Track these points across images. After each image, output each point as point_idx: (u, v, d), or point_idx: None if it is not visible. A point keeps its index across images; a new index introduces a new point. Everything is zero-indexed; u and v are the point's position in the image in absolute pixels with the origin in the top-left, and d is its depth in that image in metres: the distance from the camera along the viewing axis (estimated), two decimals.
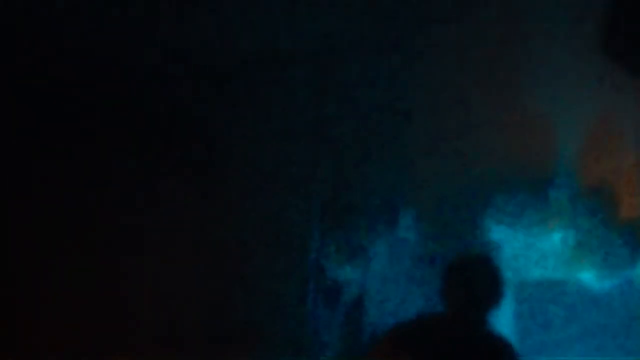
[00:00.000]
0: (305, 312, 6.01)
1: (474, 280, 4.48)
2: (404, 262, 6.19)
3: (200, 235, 5.76)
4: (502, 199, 6.13)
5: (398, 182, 6.25)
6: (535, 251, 6.11)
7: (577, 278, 6.04)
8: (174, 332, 5.57)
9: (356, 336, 6.08)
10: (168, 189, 5.72)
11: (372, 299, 6.13)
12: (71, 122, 5.55)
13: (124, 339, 5.36)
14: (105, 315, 5.39)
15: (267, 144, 6.04)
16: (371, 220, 6.21)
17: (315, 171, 6.17)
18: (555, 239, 6.07)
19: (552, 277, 6.09)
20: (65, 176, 5.48)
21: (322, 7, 5.94)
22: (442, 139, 6.13)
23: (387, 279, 6.18)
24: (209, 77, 5.94)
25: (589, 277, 6.01)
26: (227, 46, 5.97)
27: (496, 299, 4.53)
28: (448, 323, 4.42)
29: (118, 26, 5.62)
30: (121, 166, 5.63)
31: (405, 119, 6.21)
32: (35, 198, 5.40)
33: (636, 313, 5.99)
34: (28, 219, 5.37)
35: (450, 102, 6.13)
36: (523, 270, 6.11)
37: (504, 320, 5.85)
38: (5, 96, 5.36)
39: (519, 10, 6.04)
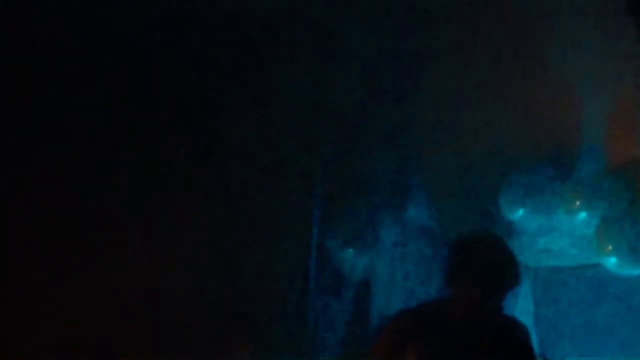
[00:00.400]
0: (307, 305, 5.73)
1: (484, 262, 3.91)
2: (414, 248, 5.88)
3: (198, 225, 5.56)
4: (522, 179, 5.73)
5: (408, 159, 5.90)
6: (556, 235, 5.74)
7: (601, 264, 5.64)
8: (174, 329, 5.43)
9: (361, 328, 5.80)
10: (167, 174, 5.58)
11: (379, 288, 5.83)
12: (73, 115, 5.46)
13: (124, 339, 5.24)
14: (104, 314, 5.29)
15: (268, 121, 5.71)
16: (378, 202, 5.86)
17: (317, 150, 5.83)
18: (578, 223, 5.67)
19: (574, 263, 5.76)
20: (65, 170, 5.42)
21: None
22: (456, 112, 5.71)
23: (396, 266, 5.87)
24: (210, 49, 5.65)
25: (612, 263, 5.63)
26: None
27: (508, 282, 3.97)
28: (455, 309, 3.92)
29: (120, 20, 5.53)
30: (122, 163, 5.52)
31: (416, 91, 5.82)
32: (34, 196, 5.34)
33: None
34: (27, 212, 5.33)
35: (466, 74, 5.72)
36: (543, 255, 5.76)
37: (522, 308, 5.64)
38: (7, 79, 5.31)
39: None
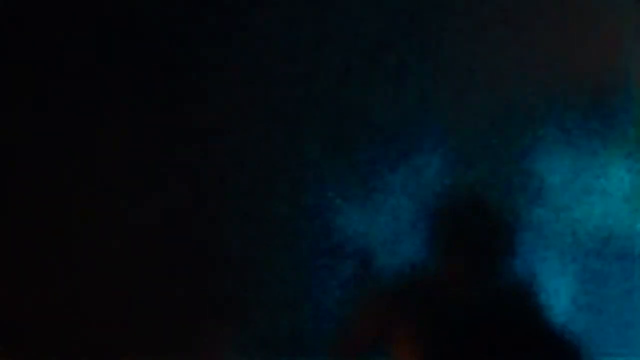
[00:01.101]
0: (301, 284, 4.91)
1: (460, 243, 3.99)
2: (423, 206, 5.06)
3: (197, 223, 4.89)
4: (552, 124, 5.11)
5: (417, 101, 5.08)
6: (591, 193, 5.12)
7: None
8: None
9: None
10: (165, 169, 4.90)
11: (383, 256, 5.01)
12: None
13: (124, 339, 4.80)
14: (104, 314, 4.83)
15: (254, 60, 4.88)
16: (381, 152, 5.06)
17: (311, 91, 4.96)
18: (618, 178, 5.11)
19: (614, 227, 5.10)
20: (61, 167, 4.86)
21: None
22: (483, 50, 5.05)
23: (402, 229, 5.03)
24: None
25: None
26: None
27: (495, 250, 3.98)
28: (446, 284, 3.86)
29: None
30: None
31: (425, 16, 5.04)
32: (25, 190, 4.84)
33: None
34: (24, 208, 4.86)
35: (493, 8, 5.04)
36: (576, 217, 5.11)
37: (557, 282, 5.03)
38: None
39: None
